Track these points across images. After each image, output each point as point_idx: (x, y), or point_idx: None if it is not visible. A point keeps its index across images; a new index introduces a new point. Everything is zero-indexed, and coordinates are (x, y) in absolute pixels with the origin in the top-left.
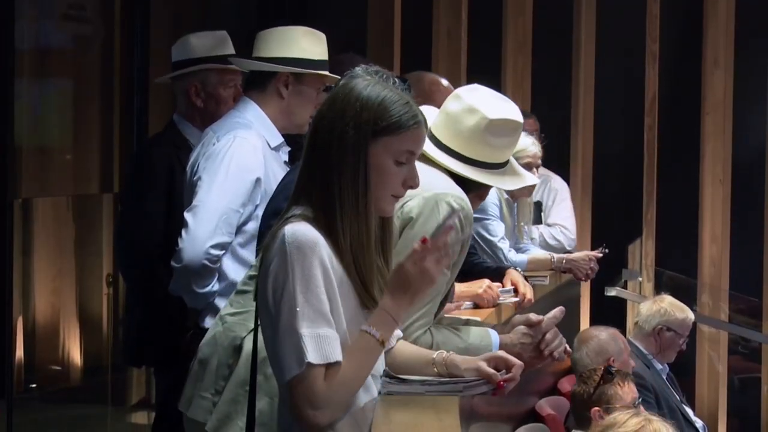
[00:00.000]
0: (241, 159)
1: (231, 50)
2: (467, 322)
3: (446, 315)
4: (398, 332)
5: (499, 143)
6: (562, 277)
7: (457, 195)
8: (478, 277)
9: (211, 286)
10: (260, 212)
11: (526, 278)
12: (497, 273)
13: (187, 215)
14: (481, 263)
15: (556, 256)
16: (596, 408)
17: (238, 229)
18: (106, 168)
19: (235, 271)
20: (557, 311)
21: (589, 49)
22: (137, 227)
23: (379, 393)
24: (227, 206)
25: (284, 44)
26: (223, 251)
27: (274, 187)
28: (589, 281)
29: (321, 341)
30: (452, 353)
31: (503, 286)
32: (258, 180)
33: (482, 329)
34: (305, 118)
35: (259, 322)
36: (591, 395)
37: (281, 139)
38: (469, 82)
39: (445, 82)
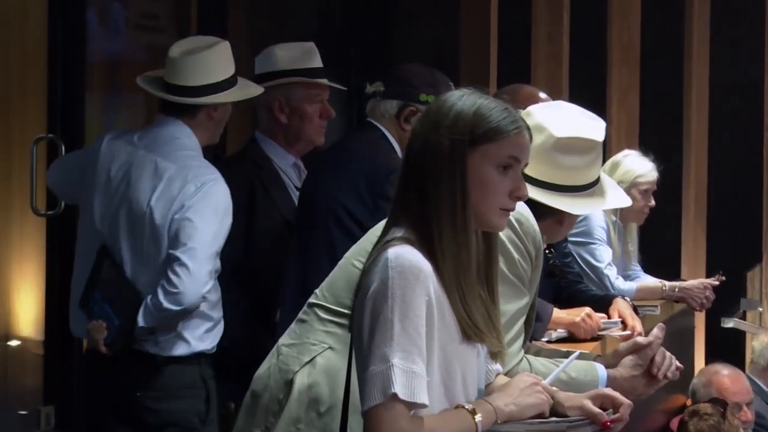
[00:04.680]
0: (225, 203)
1: (318, 63)
2: (567, 355)
3: (545, 347)
4: (497, 366)
5: (571, 163)
6: (675, 306)
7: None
8: (582, 306)
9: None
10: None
11: (635, 308)
12: (603, 302)
13: (183, 257)
14: (586, 291)
15: (667, 284)
16: None
17: None
18: None
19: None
20: (657, 330)
21: (702, 56)
22: None
23: None
24: (216, 250)
25: (209, 69)
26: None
27: None
28: (704, 311)
29: (411, 377)
30: (555, 389)
31: (609, 317)
32: (230, 224)
33: (587, 363)
34: (221, 128)
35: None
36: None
37: None
38: (571, 91)
39: (543, 95)
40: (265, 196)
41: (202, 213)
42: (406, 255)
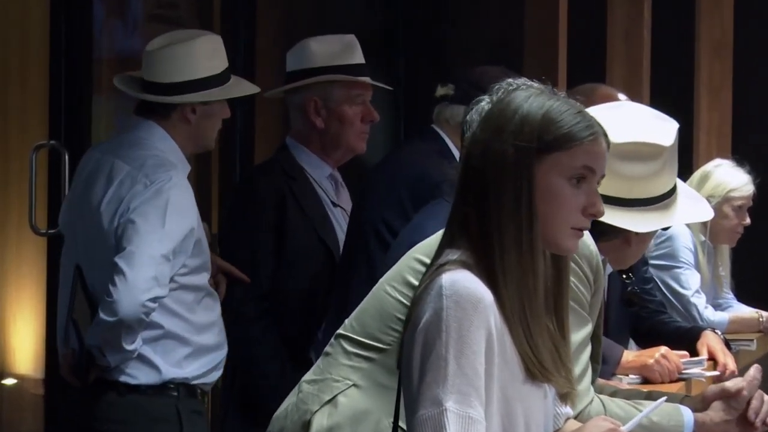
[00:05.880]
0: (179, 203)
1: (360, 58)
2: (649, 396)
3: (622, 387)
4: (567, 410)
5: (633, 173)
6: None
7: None
8: (667, 340)
9: (138, 340)
10: (192, 263)
11: (727, 343)
12: (690, 335)
13: (120, 262)
14: (670, 323)
15: (764, 314)
16: None
17: (171, 279)
18: (202, 201)
19: (162, 318)
20: (754, 371)
21: None
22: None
23: None
24: (163, 254)
25: (185, 65)
26: (157, 305)
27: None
28: None
29: (468, 423)
30: None
31: (697, 353)
32: (192, 230)
33: (671, 405)
34: (214, 137)
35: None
36: None
37: (189, 168)
38: (652, 93)
39: (622, 96)
40: (297, 213)
41: (146, 213)
42: (463, 281)
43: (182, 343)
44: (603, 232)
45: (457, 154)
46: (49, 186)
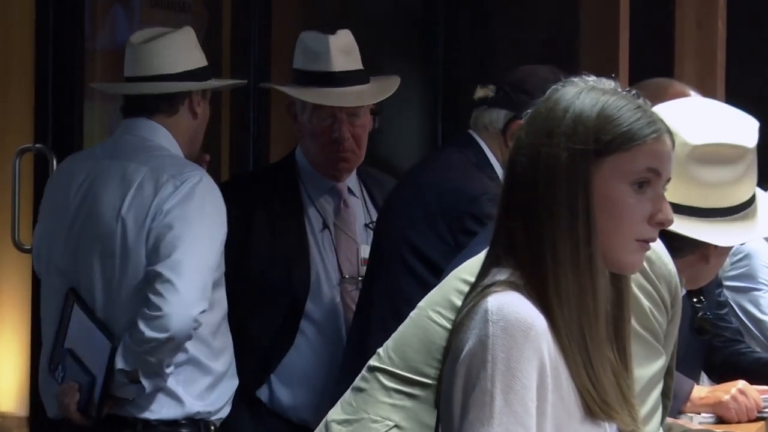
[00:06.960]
0: (216, 205)
1: (331, 65)
2: None
3: (691, 427)
4: None
5: (713, 179)
6: None
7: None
8: (745, 374)
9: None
10: (216, 276)
11: None
12: None
13: (166, 271)
14: (747, 353)
15: None
16: None
17: None
18: None
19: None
20: None
21: None
22: None
23: None
24: (209, 264)
25: (188, 53)
26: (203, 323)
27: None
28: None
29: None
30: None
31: None
32: (225, 238)
33: None
34: (202, 135)
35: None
36: None
37: None
38: (728, 89)
39: (694, 93)
40: (264, 235)
41: (186, 217)
42: (511, 305)
43: (203, 371)
44: (677, 248)
45: (496, 163)
46: (35, 196)
